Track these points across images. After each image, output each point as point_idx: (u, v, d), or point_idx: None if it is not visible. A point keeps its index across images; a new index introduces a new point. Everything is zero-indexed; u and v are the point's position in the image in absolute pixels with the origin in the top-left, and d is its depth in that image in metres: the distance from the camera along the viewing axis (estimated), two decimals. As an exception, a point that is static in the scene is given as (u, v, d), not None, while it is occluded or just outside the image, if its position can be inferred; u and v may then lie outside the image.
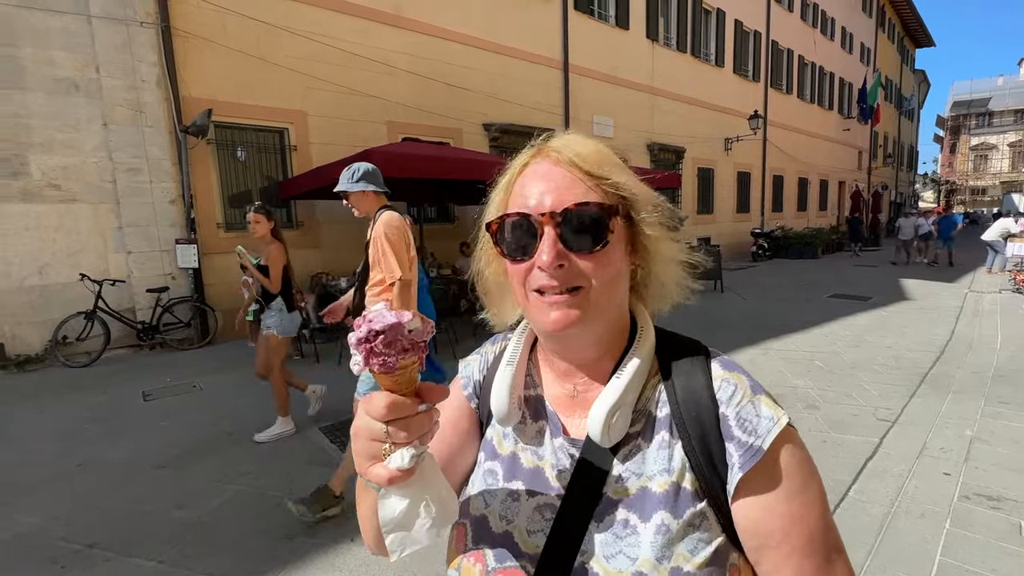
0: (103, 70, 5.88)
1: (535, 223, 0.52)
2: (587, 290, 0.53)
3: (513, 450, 0.62)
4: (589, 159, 0.54)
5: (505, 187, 0.59)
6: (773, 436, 0.51)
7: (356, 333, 0.44)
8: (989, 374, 4.65)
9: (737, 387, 0.54)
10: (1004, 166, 44.31)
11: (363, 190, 2.73)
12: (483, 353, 0.71)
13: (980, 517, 2.49)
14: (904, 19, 29.26)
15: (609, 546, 0.52)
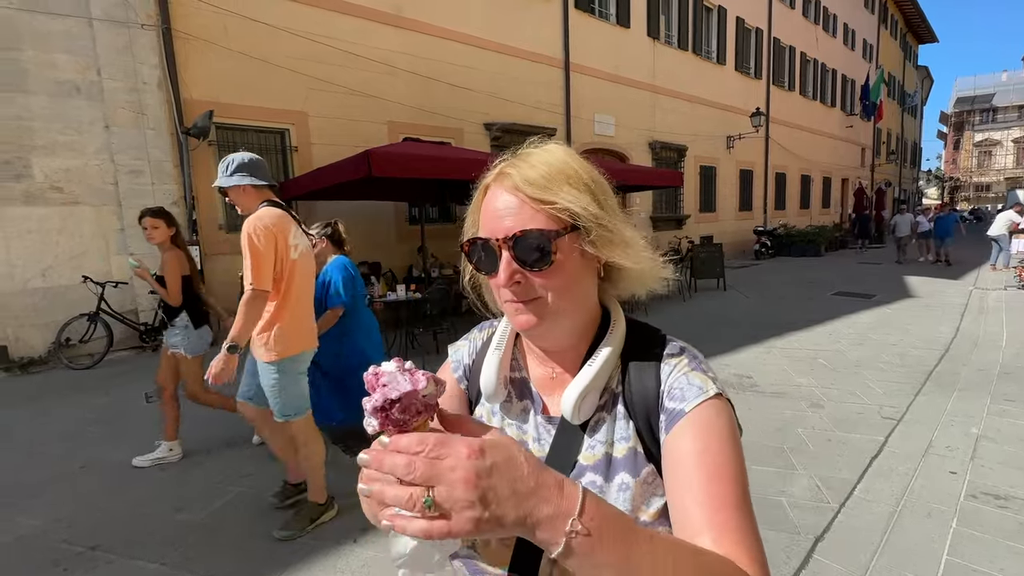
0: (104, 72, 5.89)
1: (494, 246, 0.60)
2: (543, 299, 0.61)
3: (500, 426, 0.71)
4: (536, 183, 0.59)
5: (475, 208, 0.67)
6: (696, 402, 0.58)
7: (371, 401, 0.45)
8: (995, 371, 4.62)
9: (676, 366, 0.63)
10: (1008, 162, 44.05)
11: (239, 184, 2.36)
12: (471, 339, 0.80)
13: (987, 516, 2.47)
14: (907, 15, 29.11)
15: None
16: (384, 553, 2.34)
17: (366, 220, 8.20)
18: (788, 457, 3.14)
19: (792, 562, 2.18)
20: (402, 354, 5.58)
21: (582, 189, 0.60)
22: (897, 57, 29.17)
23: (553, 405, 0.68)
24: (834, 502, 2.64)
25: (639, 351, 0.66)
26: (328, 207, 7.77)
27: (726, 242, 13.33)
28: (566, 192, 0.59)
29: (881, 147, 27.79)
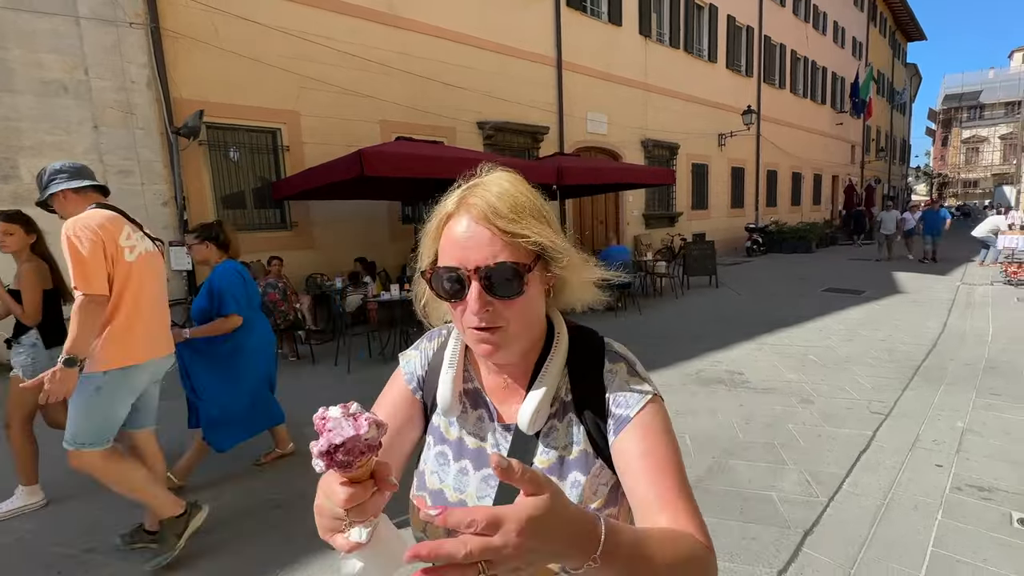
0: (92, 72, 5.83)
1: (464, 276, 0.64)
2: (505, 328, 0.65)
3: (459, 435, 0.76)
4: (504, 215, 0.63)
5: (433, 234, 0.69)
6: (639, 408, 0.68)
7: (317, 445, 0.49)
8: (981, 366, 4.70)
9: (617, 374, 0.71)
10: (995, 158, 44.58)
11: (56, 192, 2.20)
12: (422, 349, 0.83)
13: (971, 508, 2.52)
14: (895, 13, 29.35)
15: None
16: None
17: (360, 219, 8.18)
18: (778, 452, 3.18)
19: (782, 555, 2.22)
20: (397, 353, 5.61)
21: (541, 219, 0.66)
22: (886, 55, 29.42)
23: (507, 413, 0.74)
24: (823, 496, 2.69)
25: (583, 361, 0.73)
26: (321, 207, 7.75)
27: (718, 239, 13.42)
28: (532, 224, 0.64)
29: (871, 144, 28.04)
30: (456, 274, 0.64)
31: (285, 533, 2.52)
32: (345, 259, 7.62)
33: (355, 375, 5.13)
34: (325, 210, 7.80)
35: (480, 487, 0.73)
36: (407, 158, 5.61)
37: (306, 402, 4.63)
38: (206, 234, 3.07)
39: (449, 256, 0.65)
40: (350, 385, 4.84)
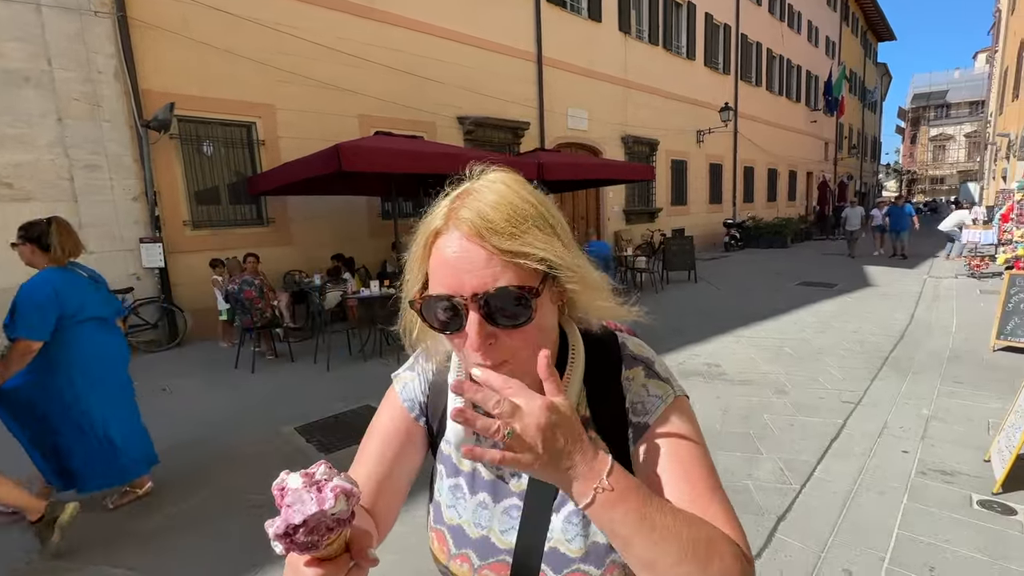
0: (55, 62, 5.61)
1: (458, 306, 0.54)
2: (510, 363, 0.56)
3: (473, 467, 0.70)
4: (502, 230, 0.53)
5: (420, 255, 0.59)
6: (658, 413, 0.63)
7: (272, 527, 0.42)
8: (945, 355, 4.88)
9: (633, 380, 0.66)
10: (961, 156, 46.15)
11: None
12: (420, 372, 0.75)
13: (935, 491, 2.63)
14: (867, 13, 30.08)
15: (568, 531, 0.63)
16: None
17: (338, 215, 8.07)
18: (754, 442, 3.26)
19: (756, 542, 2.28)
20: (377, 350, 5.57)
21: (547, 230, 0.56)
22: (858, 54, 30.16)
23: None
24: (796, 483, 2.77)
25: (599, 371, 0.66)
26: (299, 202, 7.62)
27: (697, 234, 13.64)
28: (534, 238, 0.54)
29: (843, 141, 28.75)
30: (450, 303, 0.54)
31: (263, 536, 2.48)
32: (323, 255, 7.52)
33: (335, 372, 5.08)
34: (303, 206, 7.67)
35: (502, 520, 0.67)
36: (386, 153, 5.55)
37: (287, 400, 4.59)
38: (27, 234, 2.60)
39: (441, 282, 0.55)
40: (330, 383, 4.79)
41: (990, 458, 2.84)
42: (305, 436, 3.58)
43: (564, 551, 0.63)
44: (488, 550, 0.67)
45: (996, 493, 2.54)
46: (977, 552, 2.15)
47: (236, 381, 4.98)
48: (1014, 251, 8.53)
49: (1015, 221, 8.78)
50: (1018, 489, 2.55)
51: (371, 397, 4.28)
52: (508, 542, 0.66)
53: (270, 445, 3.47)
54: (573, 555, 0.62)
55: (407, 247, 0.62)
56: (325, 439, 3.51)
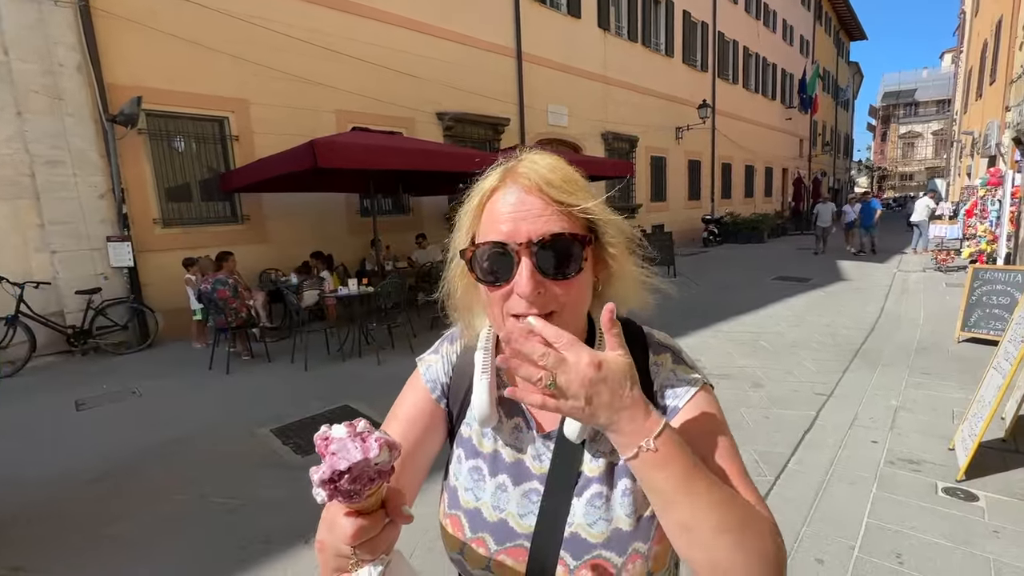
0: (13, 53, 5.37)
1: (512, 252, 0.56)
2: (558, 314, 0.58)
3: (494, 448, 0.69)
4: (559, 186, 0.57)
5: (475, 211, 0.61)
6: (688, 397, 0.64)
7: (318, 473, 0.42)
8: (913, 347, 5.03)
9: (662, 366, 0.67)
10: (928, 153, 47.66)
11: None
12: (444, 354, 0.76)
13: (902, 480, 2.71)
14: (839, 13, 30.76)
15: (590, 515, 0.63)
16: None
17: (316, 213, 7.93)
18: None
19: (732, 533, 2.32)
20: (356, 349, 5.50)
21: (593, 196, 0.60)
22: (831, 53, 30.83)
23: (547, 421, 0.68)
24: (770, 475, 2.82)
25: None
26: (274, 199, 7.46)
27: (676, 230, 13.80)
28: (586, 197, 0.58)
29: (817, 139, 29.40)
30: (503, 249, 0.56)
31: (237, 540, 2.43)
32: (301, 254, 7.38)
33: (313, 372, 5.00)
34: (279, 203, 7.52)
35: (521, 503, 0.66)
36: (363, 149, 5.46)
37: (263, 401, 4.51)
38: None
39: (494, 231, 0.57)
40: (309, 383, 4.71)
41: (954, 447, 2.94)
42: (281, 438, 3.51)
43: (585, 536, 0.62)
44: (506, 534, 0.66)
45: (960, 480, 2.63)
46: (942, 538, 2.22)
47: (210, 382, 4.87)
48: (977, 245, 8.85)
49: (978, 216, 9.11)
50: (980, 476, 2.65)
51: (350, 397, 4.22)
52: (527, 526, 0.65)
53: (245, 448, 3.39)
54: (594, 540, 0.62)
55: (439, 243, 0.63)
56: (302, 441, 3.45)
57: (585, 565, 0.61)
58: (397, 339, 5.84)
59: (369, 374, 4.85)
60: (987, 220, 8.72)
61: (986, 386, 2.86)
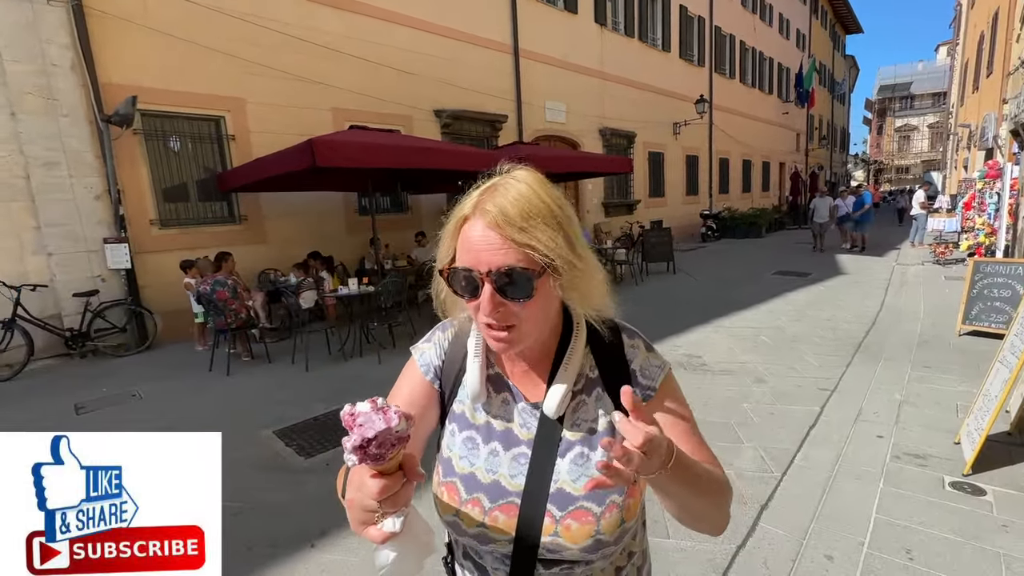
0: (6, 53, 5.30)
1: (476, 277, 0.67)
2: (517, 327, 0.69)
3: (486, 419, 0.80)
4: (515, 223, 0.65)
5: (452, 233, 0.72)
6: (661, 379, 0.78)
7: (350, 440, 0.51)
8: (914, 341, 5.04)
9: (638, 349, 0.80)
10: (924, 146, 47.70)
11: None
12: (435, 341, 0.86)
13: (909, 475, 2.71)
14: (835, 7, 30.70)
15: (573, 472, 0.74)
16: (343, 556, 2.29)
17: (314, 212, 7.89)
18: (735, 431, 3.31)
19: (741, 531, 2.32)
20: (357, 349, 5.47)
21: (555, 227, 0.68)
22: (827, 47, 30.79)
23: (531, 393, 0.79)
24: (777, 471, 2.82)
25: (603, 341, 0.79)
26: (272, 199, 7.42)
27: (674, 226, 13.77)
28: (541, 233, 0.66)
29: (814, 132, 29.40)
30: (471, 275, 0.68)
31: (244, 542, 2.41)
32: (299, 253, 7.34)
33: (314, 373, 4.97)
34: (277, 202, 7.47)
35: (512, 465, 0.76)
36: (361, 147, 5.42)
37: (265, 403, 4.48)
38: None
39: (464, 258, 0.69)
40: (310, 383, 4.69)
41: (960, 441, 2.94)
42: (284, 440, 3.49)
43: (569, 490, 0.72)
44: (498, 493, 0.75)
45: (966, 474, 2.63)
46: (951, 533, 2.22)
47: (211, 384, 4.84)
48: (976, 238, 8.86)
49: (976, 209, 9.12)
50: (987, 470, 2.65)
51: (352, 398, 4.12)
52: (517, 485, 0.74)
53: (247, 450, 3.37)
54: (577, 494, 0.72)
55: (433, 241, 0.76)
56: (305, 442, 3.44)
57: (569, 515, 0.71)
58: (398, 338, 5.81)
59: (370, 373, 4.83)
60: (985, 213, 8.73)
61: (992, 380, 2.86)
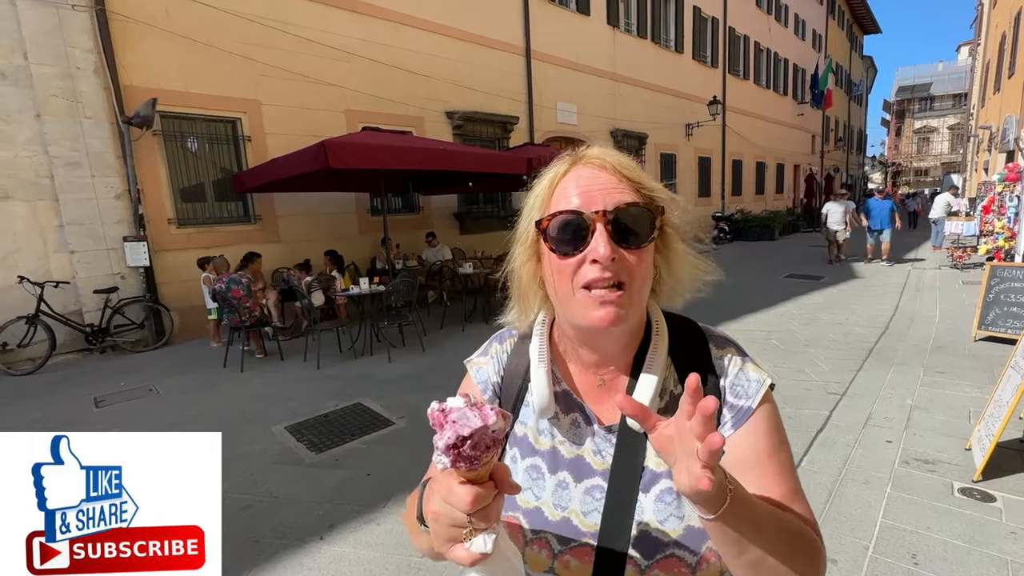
0: (32, 57, 5.48)
1: (588, 220, 0.58)
2: (629, 286, 0.59)
3: (552, 444, 0.68)
4: (628, 167, 0.61)
5: (547, 189, 0.63)
6: (760, 397, 0.63)
7: (443, 438, 0.45)
8: (928, 346, 4.97)
9: (729, 360, 0.66)
10: (944, 148, 46.78)
11: None
12: (493, 355, 0.76)
13: (917, 480, 2.68)
14: (853, 6, 30.28)
15: (660, 512, 0.61)
16: (352, 549, 2.34)
17: (327, 212, 8.00)
18: (742, 434, 3.30)
19: (744, 533, 2.32)
20: (367, 348, 5.55)
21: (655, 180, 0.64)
22: (844, 47, 30.37)
23: (605, 415, 0.67)
24: (783, 474, 2.81)
25: (686, 348, 0.67)
26: (286, 199, 7.54)
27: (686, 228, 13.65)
28: (650, 180, 0.62)
29: (830, 134, 29.01)
30: (579, 218, 0.58)
31: (253, 535, 2.47)
32: (312, 253, 7.45)
33: (325, 370, 5.05)
34: (290, 202, 7.59)
35: (584, 501, 0.65)
36: (374, 149, 5.50)
37: (277, 399, 4.56)
38: None
39: (568, 204, 0.60)
40: (321, 381, 4.77)
41: (971, 447, 2.90)
42: (296, 436, 3.56)
43: (656, 534, 0.61)
44: (570, 533, 0.64)
45: (976, 481, 2.60)
46: (959, 539, 2.20)
47: (225, 380, 4.94)
48: (995, 242, 8.69)
49: (996, 212, 8.94)
50: (997, 477, 2.62)
51: (362, 395, 4.27)
52: (591, 524, 0.63)
53: (260, 445, 3.45)
54: (666, 538, 0.60)
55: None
56: (315, 438, 3.50)
57: (657, 564, 0.59)
58: (408, 337, 5.88)
59: (380, 372, 4.90)
60: (1005, 216, 8.56)
61: (1004, 386, 2.82)
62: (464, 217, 9.99)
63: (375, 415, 3.87)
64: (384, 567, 2.21)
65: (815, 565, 0.55)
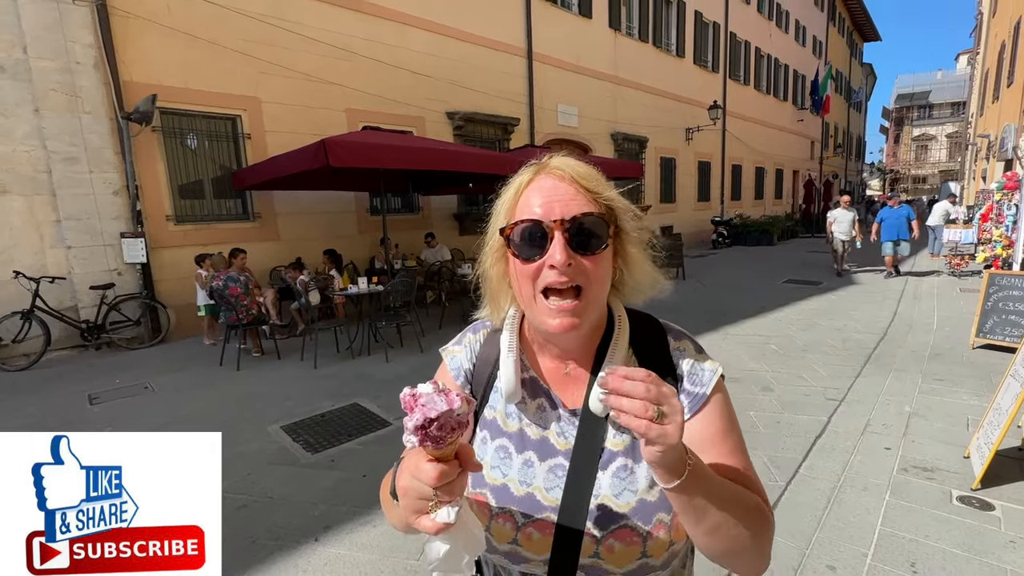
0: (32, 51, 5.45)
1: (547, 229, 0.63)
2: (586, 291, 0.64)
3: (519, 427, 0.73)
4: (587, 178, 0.66)
5: (512, 198, 0.68)
6: (713, 384, 0.69)
7: (412, 419, 0.50)
8: (926, 353, 4.97)
9: (685, 351, 0.72)
10: (942, 156, 46.99)
11: None
12: (467, 344, 0.81)
13: (916, 487, 2.68)
14: (853, 14, 30.43)
15: (616, 486, 0.67)
16: (347, 551, 2.32)
17: (326, 211, 7.98)
18: (740, 439, 3.29)
19: (743, 539, 2.30)
20: (365, 347, 5.52)
21: (613, 189, 0.68)
22: (844, 54, 30.51)
23: (569, 399, 0.72)
24: (781, 480, 2.80)
25: (646, 341, 0.73)
26: (285, 197, 7.52)
27: (685, 232, 13.73)
28: (607, 190, 0.67)
29: (829, 140, 29.11)
30: (539, 227, 0.63)
31: (248, 536, 2.45)
32: (311, 251, 7.43)
33: (322, 370, 5.03)
34: (290, 201, 7.57)
35: (548, 478, 0.70)
36: (374, 148, 5.48)
37: (273, 398, 4.54)
38: None
39: (530, 212, 0.64)
40: (317, 380, 4.74)
41: (970, 454, 2.90)
42: (292, 435, 3.54)
43: (612, 507, 0.66)
44: (533, 507, 0.69)
45: (975, 489, 2.59)
46: (957, 548, 2.19)
47: (221, 379, 4.91)
48: (993, 250, 8.72)
49: (994, 221, 8.97)
50: (996, 485, 2.61)
51: (359, 395, 4.24)
52: (553, 499, 0.68)
53: (255, 444, 3.42)
54: (621, 510, 0.66)
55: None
56: (312, 438, 3.48)
57: (612, 535, 0.65)
58: (406, 337, 5.86)
59: (378, 372, 4.87)
60: (1003, 225, 8.58)
61: (1003, 394, 2.82)
62: (464, 218, 9.98)
63: (372, 415, 3.85)
64: (380, 570, 2.19)
65: (765, 533, 0.63)
